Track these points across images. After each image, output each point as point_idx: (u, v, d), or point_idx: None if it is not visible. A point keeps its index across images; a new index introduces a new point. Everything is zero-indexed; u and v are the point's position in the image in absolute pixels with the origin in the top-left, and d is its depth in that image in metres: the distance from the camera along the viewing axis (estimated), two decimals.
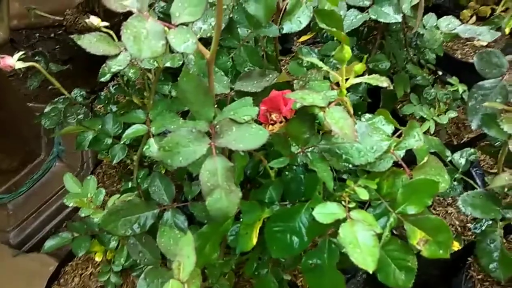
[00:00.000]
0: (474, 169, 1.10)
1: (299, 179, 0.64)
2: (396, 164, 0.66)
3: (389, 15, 0.85)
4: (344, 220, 0.56)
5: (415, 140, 0.65)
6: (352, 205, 0.59)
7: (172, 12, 0.52)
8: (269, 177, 0.70)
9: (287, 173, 0.66)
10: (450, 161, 0.83)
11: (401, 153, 0.67)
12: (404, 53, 1.06)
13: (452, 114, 1.07)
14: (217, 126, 0.55)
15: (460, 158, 0.82)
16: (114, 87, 1.03)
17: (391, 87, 0.61)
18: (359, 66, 0.58)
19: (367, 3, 0.87)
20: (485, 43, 1.42)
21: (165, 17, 0.80)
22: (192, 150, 0.52)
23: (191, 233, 0.71)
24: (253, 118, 0.56)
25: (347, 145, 0.60)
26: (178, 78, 0.58)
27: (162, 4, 0.89)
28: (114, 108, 1.00)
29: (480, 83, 0.75)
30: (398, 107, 1.19)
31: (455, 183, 0.81)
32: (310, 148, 0.63)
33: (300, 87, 0.73)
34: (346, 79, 0.61)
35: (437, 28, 0.95)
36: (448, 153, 0.83)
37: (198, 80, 0.58)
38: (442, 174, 0.65)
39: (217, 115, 0.58)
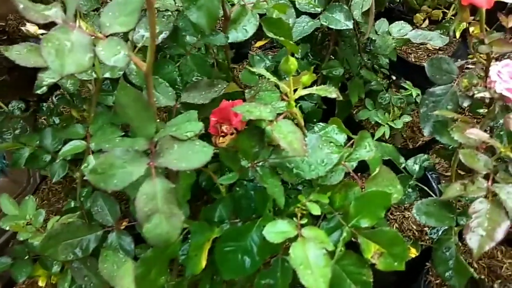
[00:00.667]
0: (430, 173, 1.11)
1: (249, 196, 0.61)
2: (349, 175, 0.65)
3: (340, 22, 0.83)
4: (296, 238, 0.53)
5: (366, 150, 0.63)
6: (305, 221, 0.57)
7: (102, 22, 0.48)
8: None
9: (238, 189, 0.62)
10: (404, 168, 0.82)
11: (354, 164, 0.65)
12: (358, 58, 1.06)
13: (407, 118, 1.08)
14: (157, 144, 0.51)
15: (414, 165, 0.82)
16: (57, 98, 0.97)
17: (340, 98, 0.59)
18: (306, 77, 0.56)
19: (319, 10, 0.86)
20: (438, 46, 1.44)
21: None
22: (129, 172, 0.48)
23: (140, 253, 0.67)
24: (197, 134, 0.53)
25: (297, 159, 0.58)
26: (115, 92, 0.54)
27: None
28: (57, 120, 0.94)
29: (431, 89, 0.75)
30: (354, 112, 1.18)
31: (410, 190, 0.80)
32: (261, 163, 0.60)
33: (251, 97, 0.69)
34: (295, 90, 0.58)
35: (389, 33, 0.95)
36: (402, 159, 0.83)
37: (136, 94, 0.54)
38: (394, 185, 0.64)
39: (160, 131, 0.54)
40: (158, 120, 0.55)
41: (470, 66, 0.79)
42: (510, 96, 0.57)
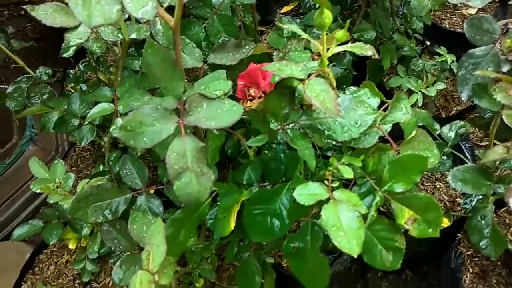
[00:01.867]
0: (463, 143, 1.07)
1: (279, 158, 0.59)
2: (382, 139, 0.62)
3: None
4: (327, 201, 0.51)
5: (402, 113, 0.60)
6: (336, 184, 0.55)
7: None
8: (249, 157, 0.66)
9: (266, 152, 0.61)
10: (439, 135, 0.79)
11: (388, 127, 0.62)
12: (391, 22, 1.01)
13: (441, 86, 1.03)
14: (186, 103, 0.49)
15: (449, 132, 0.78)
16: (83, 64, 0.97)
17: (377, 56, 0.57)
18: (341, 33, 0.53)
19: None
20: (473, 11, 1.37)
21: None
22: (158, 130, 0.47)
23: (169, 218, 0.67)
24: (226, 93, 0.51)
25: (329, 120, 0.56)
26: (143, 50, 0.53)
27: None
28: (84, 87, 0.94)
29: (471, 51, 0.71)
30: (385, 79, 1.14)
31: (444, 157, 0.77)
32: (291, 125, 0.58)
33: (280, 58, 0.67)
34: (328, 49, 0.55)
35: None
36: (437, 126, 0.79)
37: (164, 52, 0.53)
38: (431, 149, 0.61)
39: (188, 90, 0.52)
40: (186, 81, 0.54)
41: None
42: None
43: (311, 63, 0.58)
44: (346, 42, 0.62)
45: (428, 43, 1.16)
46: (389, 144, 0.60)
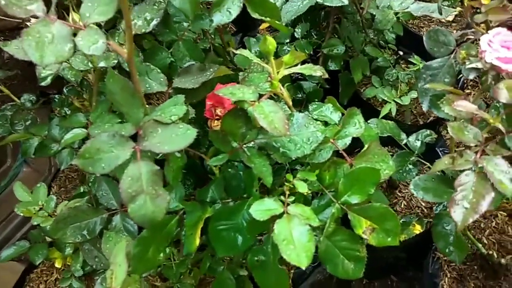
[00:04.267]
0: (440, 149, 1.09)
1: (239, 176, 0.62)
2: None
3: None
4: (282, 215, 0.54)
5: (355, 128, 0.63)
6: (292, 199, 0.58)
7: (81, 12, 0.50)
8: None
9: (229, 170, 0.64)
10: (406, 144, 0.81)
11: (347, 140, 0.65)
12: (362, 35, 1.04)
13: (415, 94, 1.05)
14: (143, 128, 0.53)
15: (415, 141, 0.81)
16: (67, 89, 1.00)
17: (326, 76, 0.59)
18: (287, 57, 0.56)
19: None
20: (451, 18, 1.40)
21: None
22: (115, 156, 0.50)
23: None
24: (180, 117, 0.54)
25: (283, 139, 0.59)
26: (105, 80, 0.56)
27: None
28: (69, 111, 0.97)
29: (428, 63, 0.73)
30: (362, 90, 1.17)
31: (411, 166, 0.79)
32: (251, 143, 0.61)
33: (242, 79, 0.70)
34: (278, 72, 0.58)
35: (391, 7, 0.93)
36: (404, 136, 0.82)
37: (123, 81, 0.56)
38: (386, 160, 0.63)
39: (146, 116, 0.56)
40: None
41: (470, 37, 0.76)
42: (501, 66, 0.55)
43: (265, 84, 0.61)
44: (315, 61, 0.64)
45: (401, 52, 1.19)
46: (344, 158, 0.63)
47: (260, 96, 0.57)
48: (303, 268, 0.50)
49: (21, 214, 0.82)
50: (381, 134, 0.79)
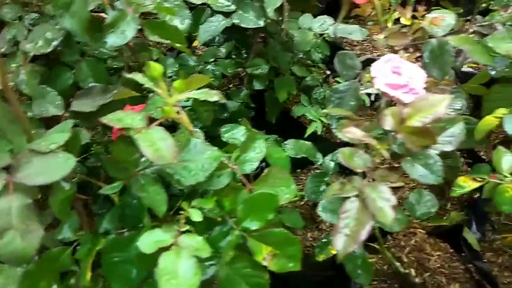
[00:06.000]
0: None
1: (134, 204, 0.60)
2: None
3: (252, 21, 0.82)
4: (170, 247, 0.52)
5: (256, 152, 0.62)
6: (186, 227, 0.56)
7: None
8: None
9: (126, 198, 0.61)
10: (321, 165, 0.81)
11: (252, 165, 0.64)
12: (289, 55, 1.04)
13: None
14: (17, 159, 0.50)
15: (330, 162, 0.81)
16: None
17: (223, 101, 0.58)
18: (177, 83, 0.55)
19: (233, 8, 0.84)
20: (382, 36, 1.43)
21: None
22: None
23: None
24: (61, 145, 0.52)
25: (177, 165, 0.57)
26: None
27: (33, 15, 0.80)
28: None
29: (335, 86, 0.74)
30: (293, 108, 1.17)
31: (325, 187, 0.80)
32: (147, 170, 0.59)
33: (149, 102, 0.68)
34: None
35: (311, 29, 0.94)
36: (319, 156, 0.82)
37: (3, 107, 0.53)
38: (288, 185, 0.63)
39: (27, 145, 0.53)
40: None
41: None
42: (389, 92, 0.56)
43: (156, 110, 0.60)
44: (240, 81, 0.62)
45: (328, 71, 1.21)
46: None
47: (153, 121, 0.55)
48: None
49: None
50: (296, 155, 0.79)
